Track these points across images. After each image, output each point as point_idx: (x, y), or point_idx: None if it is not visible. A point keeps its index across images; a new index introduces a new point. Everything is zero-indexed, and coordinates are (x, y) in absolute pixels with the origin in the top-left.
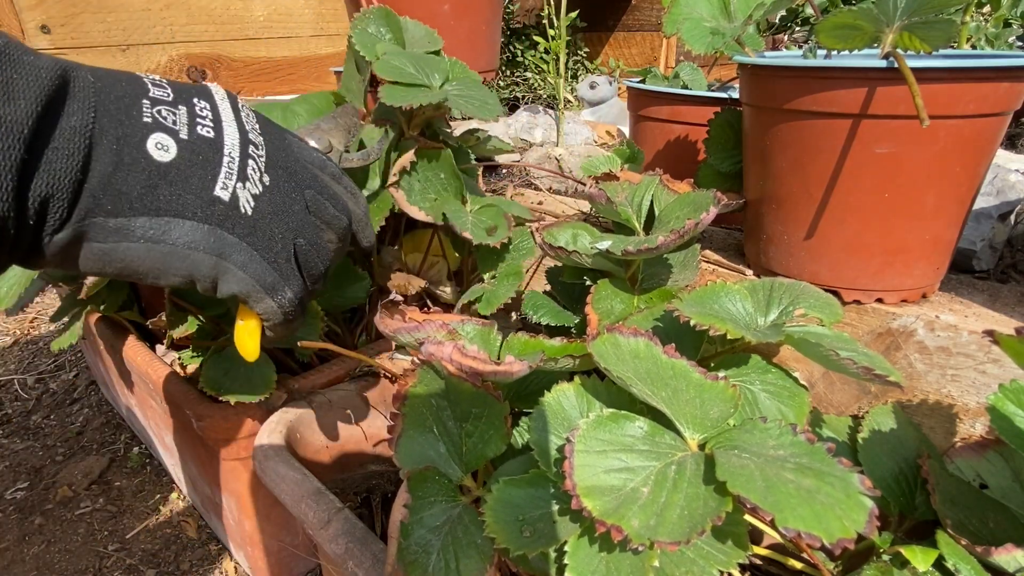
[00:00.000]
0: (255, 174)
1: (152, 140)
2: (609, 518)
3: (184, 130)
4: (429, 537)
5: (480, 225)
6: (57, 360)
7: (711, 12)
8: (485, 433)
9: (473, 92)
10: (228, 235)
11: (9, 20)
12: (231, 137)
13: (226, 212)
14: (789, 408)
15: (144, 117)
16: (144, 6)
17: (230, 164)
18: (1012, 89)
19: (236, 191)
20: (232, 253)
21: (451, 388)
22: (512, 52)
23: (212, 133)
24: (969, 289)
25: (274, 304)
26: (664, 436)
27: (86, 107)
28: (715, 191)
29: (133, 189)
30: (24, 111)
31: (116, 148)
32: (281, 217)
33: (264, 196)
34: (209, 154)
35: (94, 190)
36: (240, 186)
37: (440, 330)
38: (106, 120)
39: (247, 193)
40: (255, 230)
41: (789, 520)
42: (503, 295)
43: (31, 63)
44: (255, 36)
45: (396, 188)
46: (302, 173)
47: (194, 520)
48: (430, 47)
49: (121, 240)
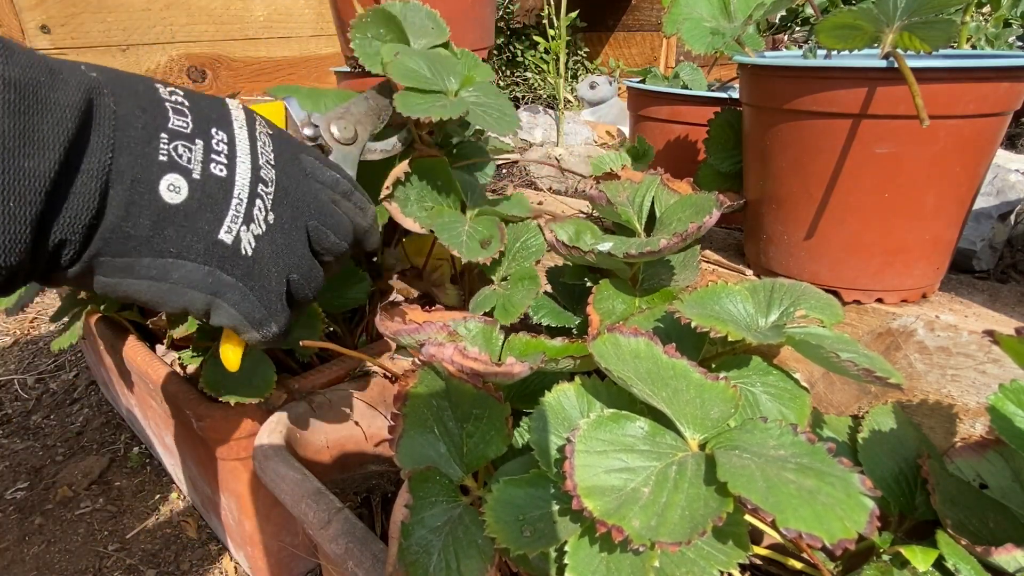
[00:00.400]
0: (260, 214)
1: (165, 182)
2: (610, 518)
3: (198, 169)
4: (430, 537)
5: (475, 237)
6: (57, 360)
7: (711, 12)
8: (486, 434)
9: (491, 101)
10: (225, 276)
11: (9, 20)
12: (243, 176)
13: (226, 254)
14: (790, 410)
15: (160, 155)
16: (144, 6)
17: (237, 207)
18: (1012, 89)
19: (239, 234)
20: (226, 292)
21: (452, 389)
22: (512, 52)
23: (225, 172)
24: (969, 289)
25: (259, 336)
26: (665, 436)
27: (105, 146)
28: (717, 193)
29: (141, 232)
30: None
31: (129, 191)
32: (280, 256)
33: (266, 236)
34: (219, 195)
35: (105, 233)
36: (244, 228)
37: (441, 331)
38: (123, 159)
39: (250, 235)
40: (252, 271)
41: (790, 521)
42: (520, 302)
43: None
44: (255, 36)
45: (390, 201)
46: (309, 203)
47: (194, 520)
48: (436, 37)
49: (126, 277)
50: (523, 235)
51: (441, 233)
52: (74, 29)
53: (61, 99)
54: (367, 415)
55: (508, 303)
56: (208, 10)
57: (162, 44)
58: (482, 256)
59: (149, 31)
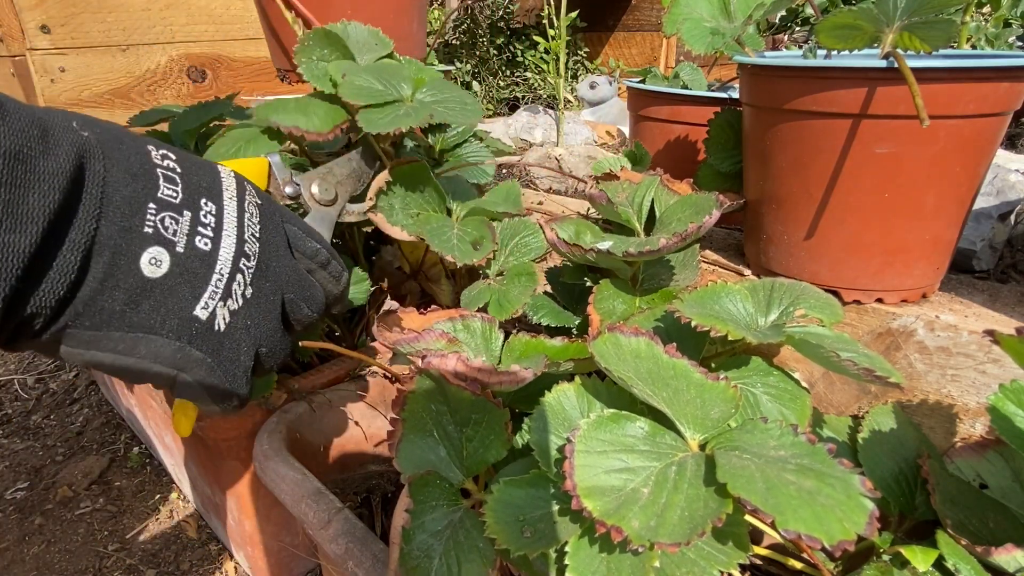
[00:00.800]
0: (239, 288)
1: (147, 255)
2: (609, 519)
3: (182, 242)
4: (431, 542)
5: (465, 239)
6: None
7: (711, 12)
8: (486, 438)
9: (449, 95)
10: (195, 352)
11: (9, 20)
12: (226, 251)
13: (199, 331)
14: (791, 411)
15: (146, 227)
16: (144, 6)
17: (217, 283)
18: (1012, 89)
19: (215, 310)
20: (193, 368)
21: (450, 394)
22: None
23: (209, 246)
24: (969, 289)
25: (218, 409)
26: (665, 436)
27: (91, 215)
28: (717, 193)
29: (115, 306)
30: (29, 239)
31: (109, 264)
32: (251, 331)
33: (242, 311)
34: (200, 270)
35: (78, 307)
36: (221, 304)
37: (440, 339)
38: (107, 229)
39: (226, 311)
40: (222, 346)
41: (790, 522)
42: (517, 298)
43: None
44: (255, 36)
45: (375, 212)
46: (288, 276)
47: (194, 520)
48: (380, 50)
49: (91, 349)
50: (520, 231)
51: (431, 239)
52: (74, 29)
53: (51, 167)
54: (367, 415)
55: (504, 298)
56: (208, 10)
57: (162, 44)
58: (475, 258)
59: (149, 31)
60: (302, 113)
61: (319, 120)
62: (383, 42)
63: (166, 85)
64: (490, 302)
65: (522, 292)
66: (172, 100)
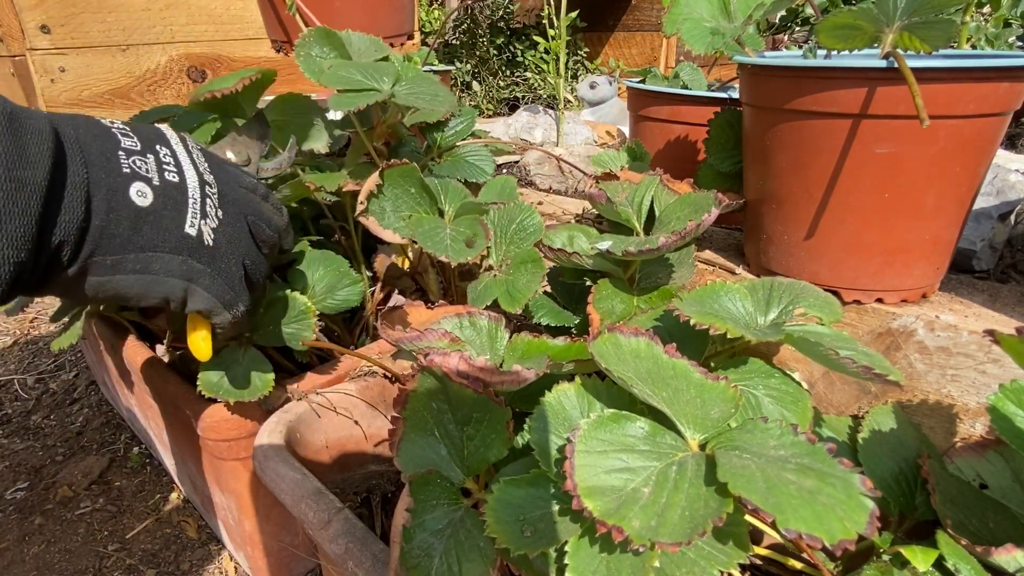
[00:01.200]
0: (212, 210)
1: (133, 188)
2: (610, 519)
3: (156, 177)
4: (432, 540)
5: (458, 238)
6: (57, 360)
7: (711, 12)
8: (487, 437)
9: (423, 88)
10: (196, 263)
11: (9, 20)
12: (191, 180)
13: (194, 245)
14: (792, 413)
15: (123, 168)
16: (144, 6)
17: (194, 205)
18: (1012, 89)
19: (200, 227)
20: (199, 278)
21: (452, 393)
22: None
23: (177, 178)
24: (969, 289)
25: (229, 316)
26: (665, 436)
27: (79, 162)
28: (715, 192)
29: (123, 231)
30: (40, 175)
31: (108, 199)
32: (233, 245)
33: (220, 229)
34: (178, 197)
35: (95, 234)
36: (203, 223)
37: (443, 338)
38: (95, 172)
39: (208, 228)
40: (216, 257)
41: (791, 521)
42: (527, 286)
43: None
44: (255, 36)
45: (365, 216)
46: (244, 202)
47: (194, 520)
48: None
49: (116, 273)
50: (517, 216)
51: (424, 241)
52: (74, 29)
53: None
54: (367, 415)
55: (513, 289)
56: (208, 10)
57: (162, 44)
58: (469, 256)
59: (149, 31)
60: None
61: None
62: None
63: (166, 85)
64: (500, 295)
65: (531, 280)
66: (172, 100)
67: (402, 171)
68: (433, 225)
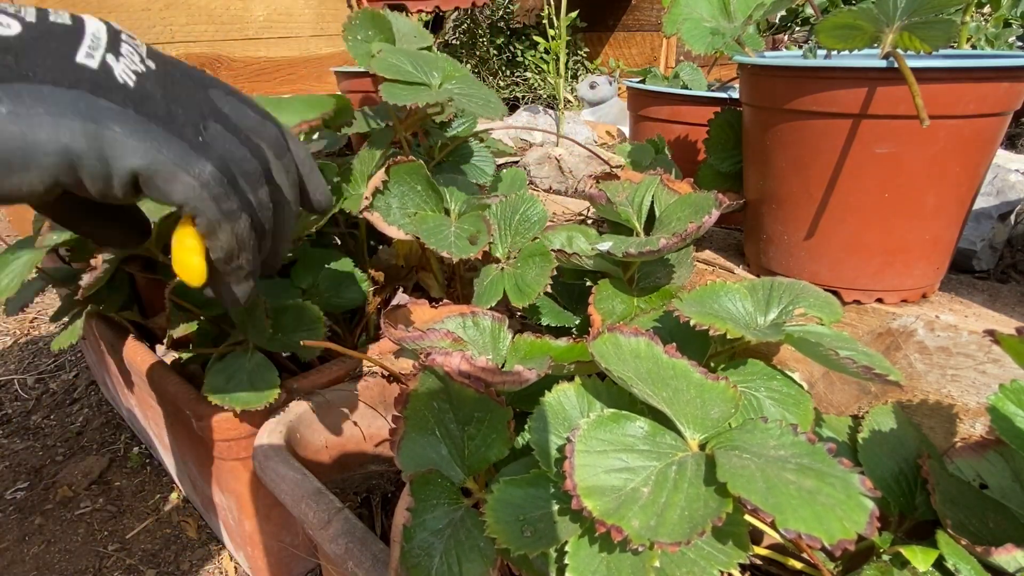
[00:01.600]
0: (132, 55)
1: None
2: (609, 518)
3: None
4: (432, 540)
5: (462, 235)
6: (57, 360)
7: (711, 12)
8: (488, 437)
9: (475, 91)
10: (103, 101)
11: None
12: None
13: (97, 80)
14: (794, 415)
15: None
16: (144, 6)
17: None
18: (1012, 89)
19: (107, 60)
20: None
21: (453, 392)
22: (512, 52)
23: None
24: (969, 289)
25: (192, 180)
26: (665, 436)
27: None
28: (716, 192)
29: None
30: None
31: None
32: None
33: (149, 76)
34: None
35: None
36: (112, 58)
37: (445, 338)
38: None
39: (123, 67)
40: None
41: (790, 521)
42: (535, 281)
43: None
44: (255, 36)
45: (370, 211)
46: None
47: (194, 520)
48: (420, 43)
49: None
50: (519, 207)
51: (428, 239)
52: None
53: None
54: (367, 415)
55: (522, 283)
56: (208, 10)
57: (162, 44)
58: (471, 252)
59: (149, 31)
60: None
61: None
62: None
63: None
64: (508, 289)
65: (540, 274)
66: None
67: (409, 168)
68: (438, 223)
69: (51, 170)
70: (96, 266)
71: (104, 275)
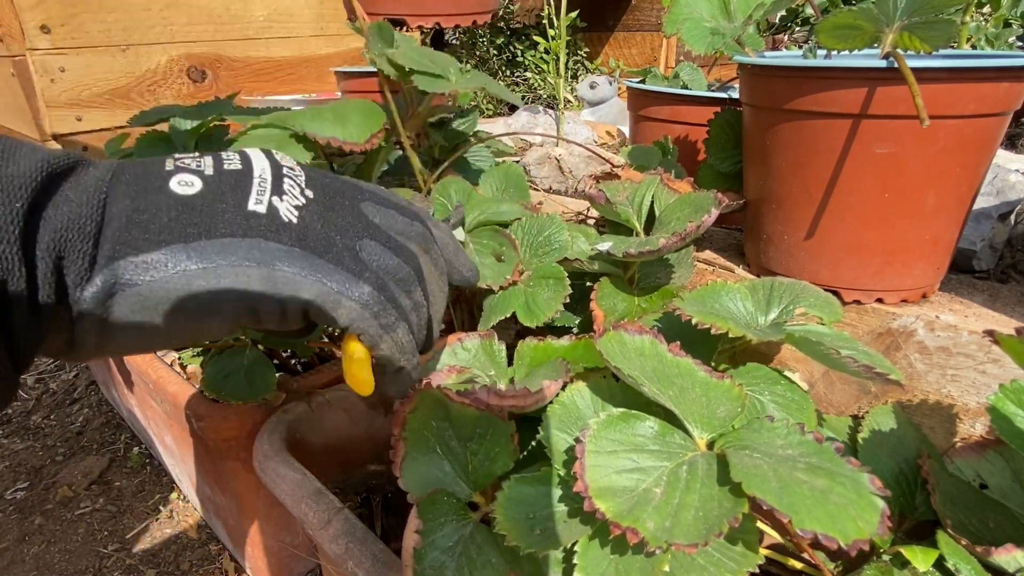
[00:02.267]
0: (293, 189)
1: (175, 180)
2: (624, 520)
3: (209, 169)
4: (443, 559)
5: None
6: (57, 360)
7: (711, 12)
8: (491, 451)
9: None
10: (273, 244)
11: (9, 20)
12: (260, 164)
13: (267, 224)
14: (796, 419)
15: (165, 166)
16: (144, 6)
17: (262, 183)
18: (1012, 89)
19: (273, 203)
20: (282, 260)
21: (452, 412)
22: (512, 52)
23: (240, 165)
24: (969, 289)
25: (354, 303)
26: (674, 436)
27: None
28: (716, 192)
29: (159, 221)
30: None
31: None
32: (335, 223)
33: (310, 207)
34: (238, 180)
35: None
36: (277, 199)
37: (448, 375)
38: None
39: (287, 205)
40: (305, 236)
41: (806, 522)
42: (547, 304)
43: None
44: (255, 36)
45: None
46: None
47: (194, 520)
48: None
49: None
50: (547, 228)
51: None
52: (74, 29)
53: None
54: (367, 415)
55: (533, 303)
56: (208, 10)
57: (162, 44)
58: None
59: (149, 31)
60: (339, 123)
61: (356, 130)
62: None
63: (166, 85)
64: (518, 307)
65: (553, 296)
66: (172, 100)
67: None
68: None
69: (234, 313)
70: None
71: None
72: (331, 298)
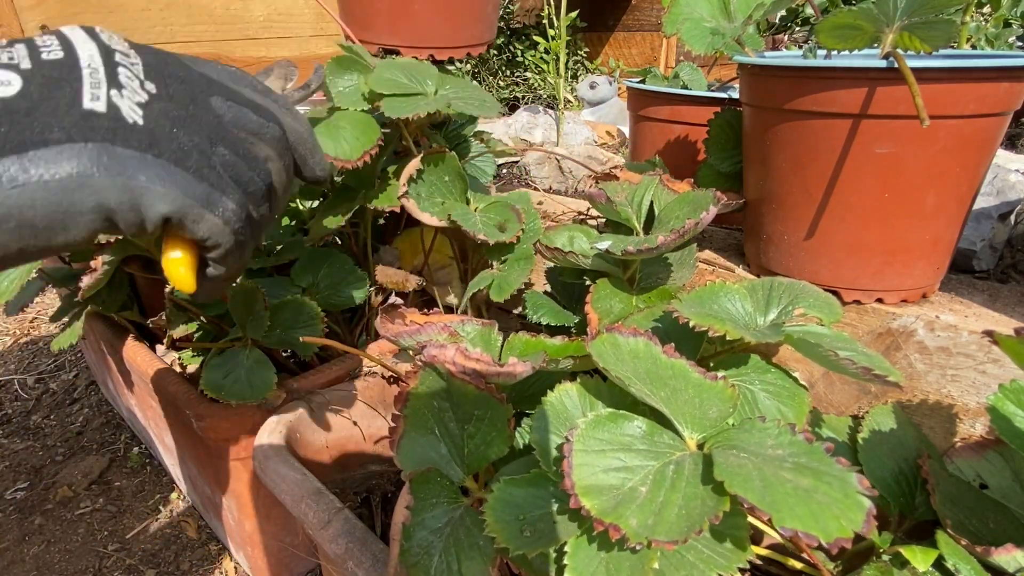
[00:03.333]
0: (132, 82)
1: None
2: (607, 517)
3: (26, 61)
4: (431, 539)
5: (490, 223)
6: (57, 360)
7: (711, 12)
8: (487, 435)
9: (470, 93)
10: (124, 150)
11: (9, 20)
12: (86, 49)
13: (110, 126)
14: (788, 408)
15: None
16: (144, 6)
17: (93, 74)
18: (1012, 89)
19: (113, 99)
20: (138, 169)
21: (453, 390)
22: (512, 52)
23: (62, 52)
24: (969, 289)
25: (217, 219)
26: (663, 436)
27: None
28: (715, 191)
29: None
30: None
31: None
32: (186, 125)
33: (154, 104)
34: (64, 71)
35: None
36: (116, 94)
37: (441, 332)
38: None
39: (128, 102)
40: (157, 140)
41: (786, 520)
42: (516, 279)
43: None
44: (255, 36)
45: (407, 198)
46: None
47: (194, 520)
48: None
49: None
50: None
51: (462, 222)
52: None
53: None
54: (367, 415)
55: (503, 281)
56: (208, 10)
57: (162, 44)
58: (503, 238)
59: (149, 31)
60: (332, 138)
61: (348, 146)
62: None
63: None
64: (491, 286)
65: (520, 274)
66: None
67: (441, 158)
68: (464, 211)
69: (89, 226)
70: (96, 267)
71: (104, 276)
72: (195, 211)
